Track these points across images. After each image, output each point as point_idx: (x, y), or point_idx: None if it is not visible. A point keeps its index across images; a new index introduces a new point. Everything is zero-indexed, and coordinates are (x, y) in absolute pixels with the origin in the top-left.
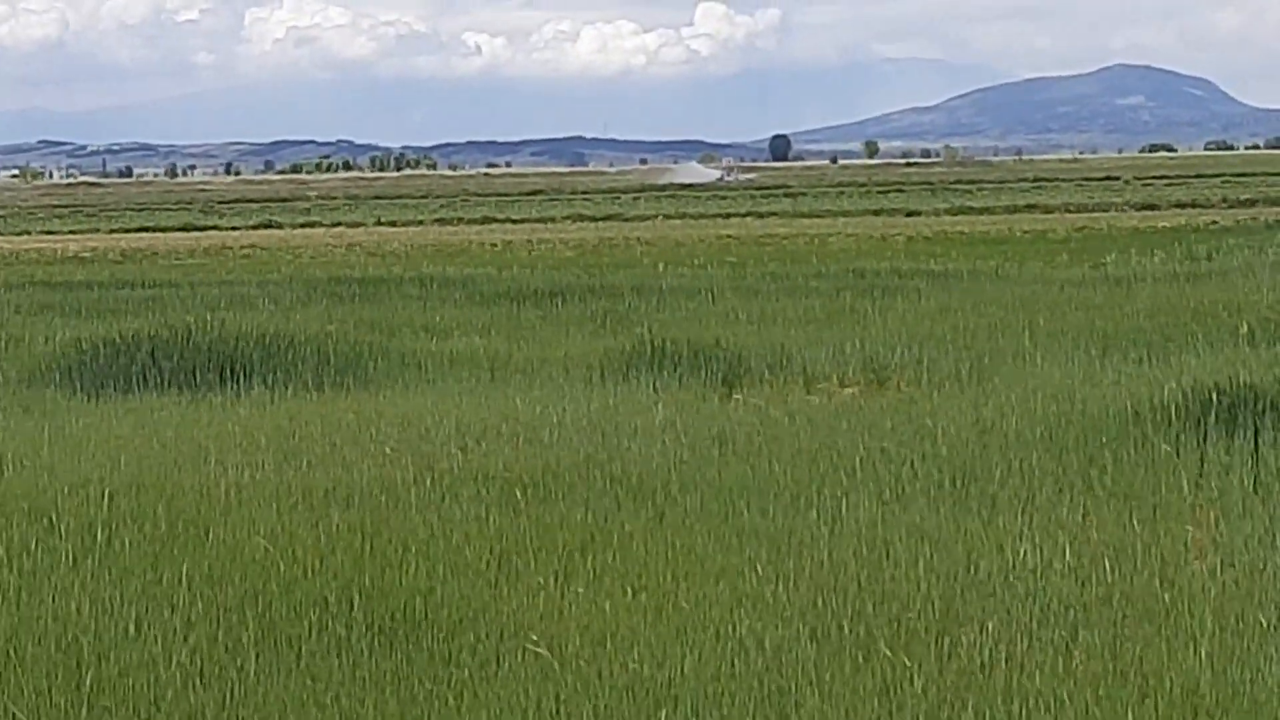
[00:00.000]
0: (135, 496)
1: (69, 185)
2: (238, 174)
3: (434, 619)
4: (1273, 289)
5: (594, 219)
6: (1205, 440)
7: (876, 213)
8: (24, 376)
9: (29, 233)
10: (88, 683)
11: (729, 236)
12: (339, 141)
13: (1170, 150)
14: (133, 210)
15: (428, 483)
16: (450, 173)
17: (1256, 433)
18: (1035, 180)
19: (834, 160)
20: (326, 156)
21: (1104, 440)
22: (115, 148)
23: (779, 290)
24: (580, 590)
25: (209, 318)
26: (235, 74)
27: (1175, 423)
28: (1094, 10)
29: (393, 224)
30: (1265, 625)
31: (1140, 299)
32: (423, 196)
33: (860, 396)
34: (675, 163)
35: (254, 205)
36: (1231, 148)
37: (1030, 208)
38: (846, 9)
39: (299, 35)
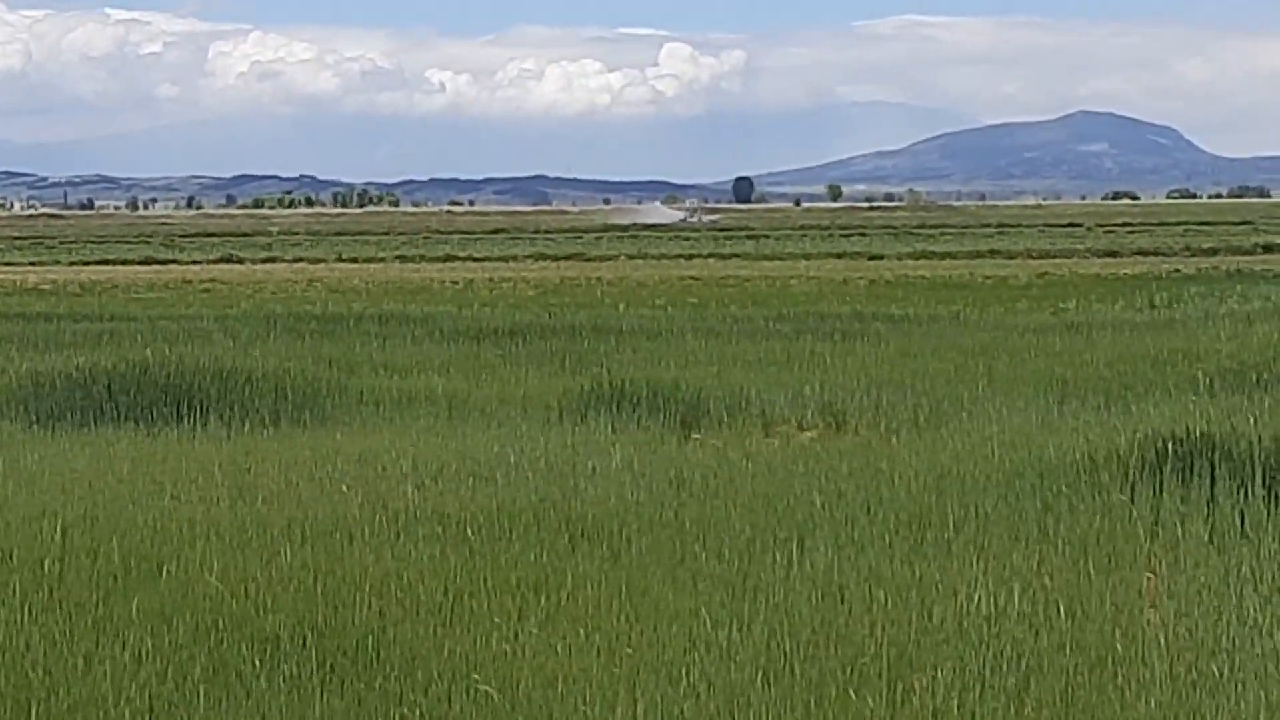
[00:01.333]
0: (89, 530)
1: (29, 217)
2: (199, 208)
3: (385, 658)
4: (1232, 338)
5: (556, 258)
6: (1161, 489)
7: (839, 256)
8: None
9: None
10: (35, 717)
11: (691, 277)
12: (302, 177)
13: (1133, 198)
14: (93, 243)
15: (382, 521)
16: (413, 210)
17: (1213, 482)
18: (998, 226)
19: (797, 203)
20: (289, 192)
21: (1060, 488)
22: (77, 180)
23: (739, 332)
24: (533, 631)
25: (167, 352)
26: (198, 107)
27: (1132, 471)
28: (1060, 58)
29: (354, 260)
30: (1218, 675)
31: (1100, 347)
32: (385, 233)
33: (818, 440)
34: (639, 203)
35: (215, 239)
36: (1195, 196)
37: (993, 253)
38: (812, 52)
39: (262, 70)
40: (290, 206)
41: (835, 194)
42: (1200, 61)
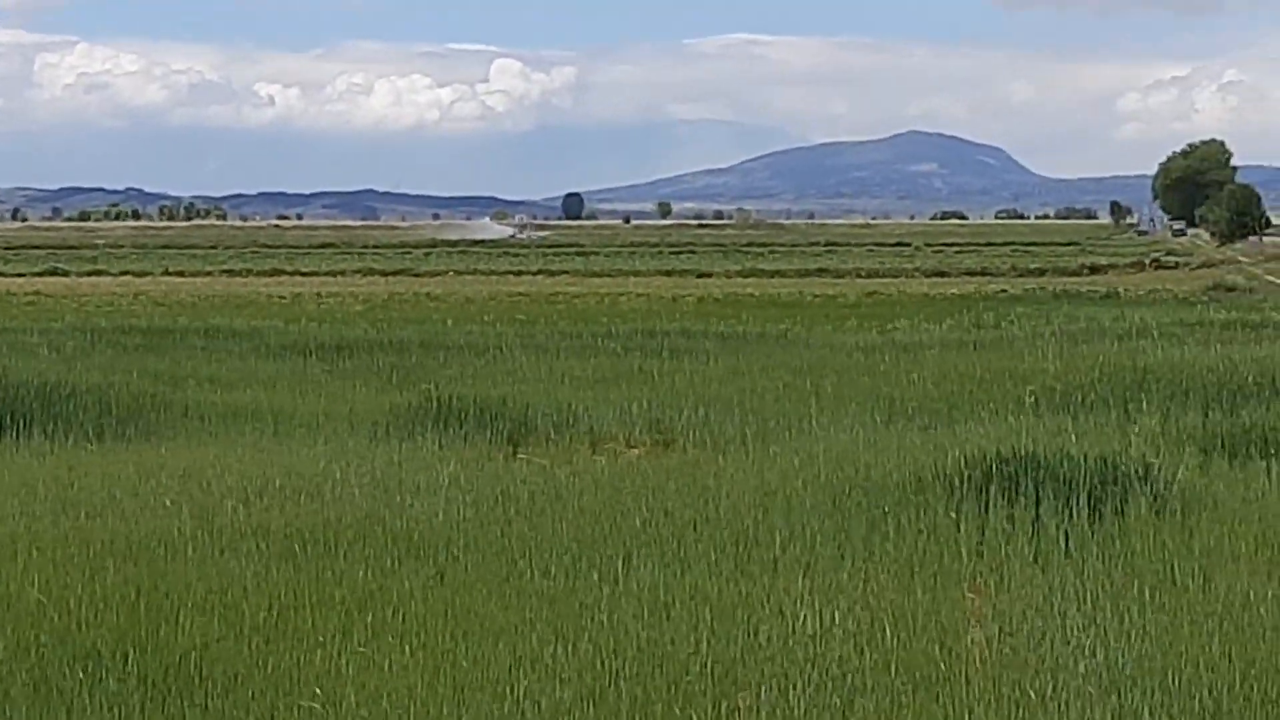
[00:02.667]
0: None
1: None
2: (24, 220)
3: (209, 675)
4: (1058, 358)
5: (385, 273)
6: (987, 508)
7: (668, 273)
8: None
9: None
10: None
11: (520, 294)
12: (129, 189)
13: (962, 218)
14: None
15: (206, 537)
16: (240, 224)
17: (1038, 502)
18: (827, 244)
19: (627, 220)
20: (116, 205)
21: (887, 506)
22: None
23: (568, 349)
24: (358, 648)
25: None
26: (24, 119)
27: (958, 490)
28: (888, 78)
29: (181, 274)
30: (1041, 695)
31: (927, 366)
32: (212, 247)
33: (645, 458)
34: (468, 219)
35: (40, 252)
36: (1022, 216)
37: (821, 271)
38: (642, 70)
39: (90, 81)
40: (117, 219)
41: (665, 211)
42: (1026, 84)
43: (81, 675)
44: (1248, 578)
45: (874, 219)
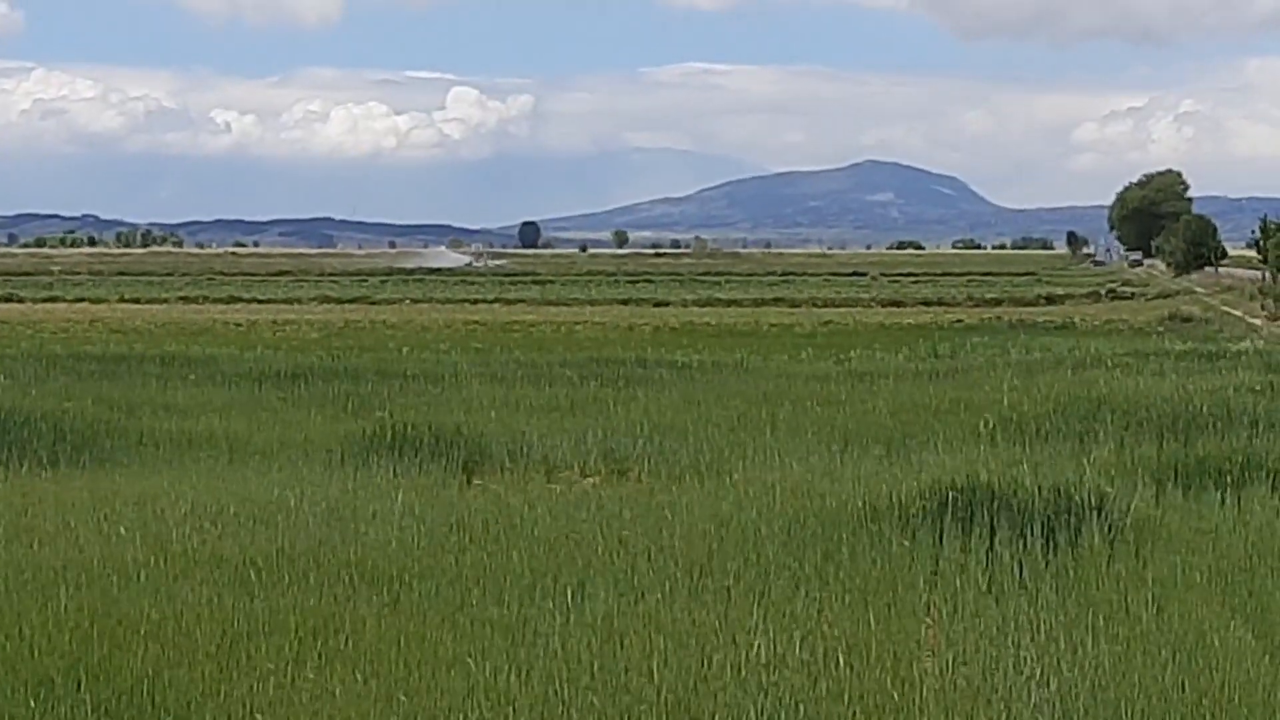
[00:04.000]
0: None
1: None
2: None
3: (161, 702)
4: (1013, 389)
5: (340, 301)
6: (942, 538)
7: (624, 302)
8: None
9: None
10: None
11: (476, 322)
12: (85, 216)
13: (918, 247)
14: None
15: (160, 564)
16: (197, 251)
17: (993, 531)
18: (783, 273)
19: (583, 248)
20: (71, 231)
21: (841, 536)
22: None
23: (523, 377)
24: (311, 676)
25: None
26: None
27: (913, 520)
28: (845, 108)
29: (136, 301)
30: None
31: (883, 395)
32: (168, 274)
33: (600, 486)
34: (424, 247)
35: None
36: (979, 246)
37: (777, 301)
38: (599, 99)
39: (45, 108)
40: (73, 246)
41: (621, 240)
42: (983, 114)
43: (33, 702)
44: (1201, 608)
45: (830, 248)
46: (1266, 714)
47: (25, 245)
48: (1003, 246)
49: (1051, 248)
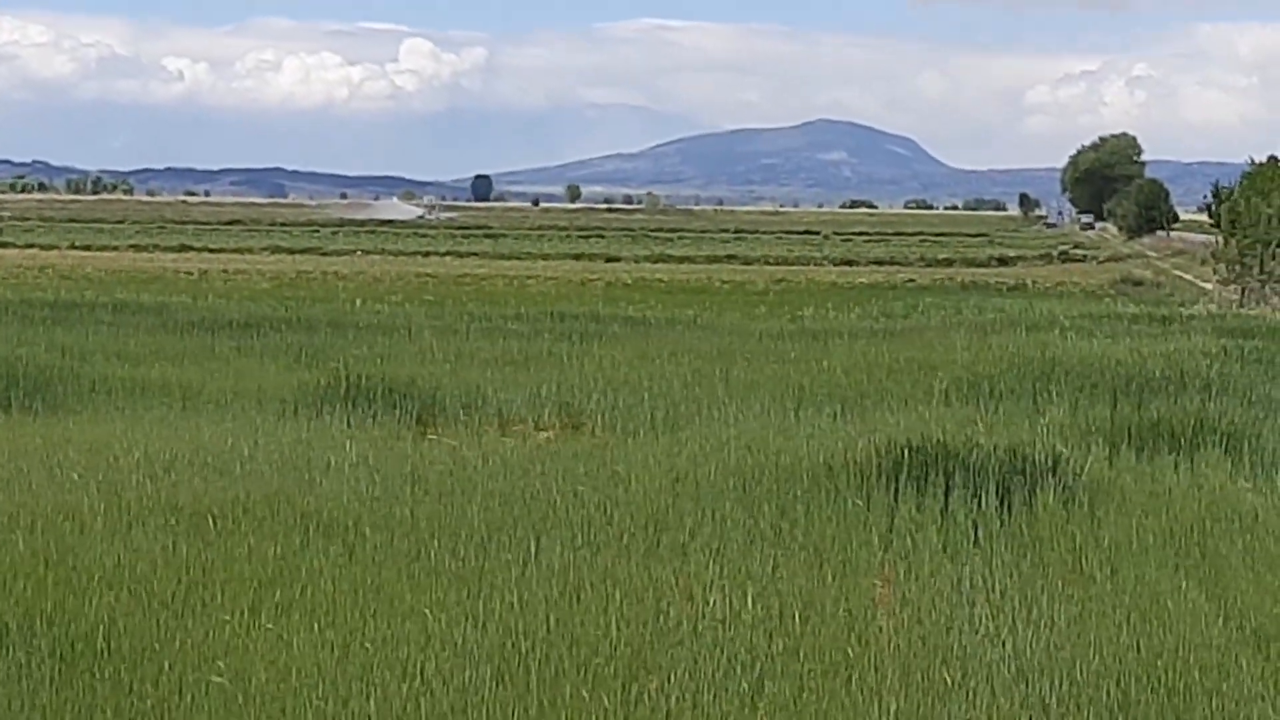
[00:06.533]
0: None
1: None
2: None
3: (117, 648)
4: (967, 349)
5: (292, 251)
6: (897, 497)
7: (577, 257)
8: None
9: None
10: None
11: (428, 275)
12: (35, 162)
13: (871, 207)
14: None
15: (114, 511)
16: (147, 199)
17: (947, 491)
18: (736, 231)
19: (536, 203)
20: (21, 177)
21: (796, 493)
22: None
23: (476, 330)
24: (268, 625)
25: None
26: None
27: (868, 479)
28: (800, 67)
29: (87, 248)
30: (949, 683)
31: (837, 354)
32: (119, 222)
33: (555, 440)
34: (376, 198)
35: None
36: (931, 207)
37: (730, 258)
38: (553, 53)
39: None
40: (22, 192)
41: (574, 195)
42: (937, 75)
43: None
44: (1155, 570)
45: (783, 206)
46: (1220, 675)
47: None
48: (954, 208)
49: (1004, 209)
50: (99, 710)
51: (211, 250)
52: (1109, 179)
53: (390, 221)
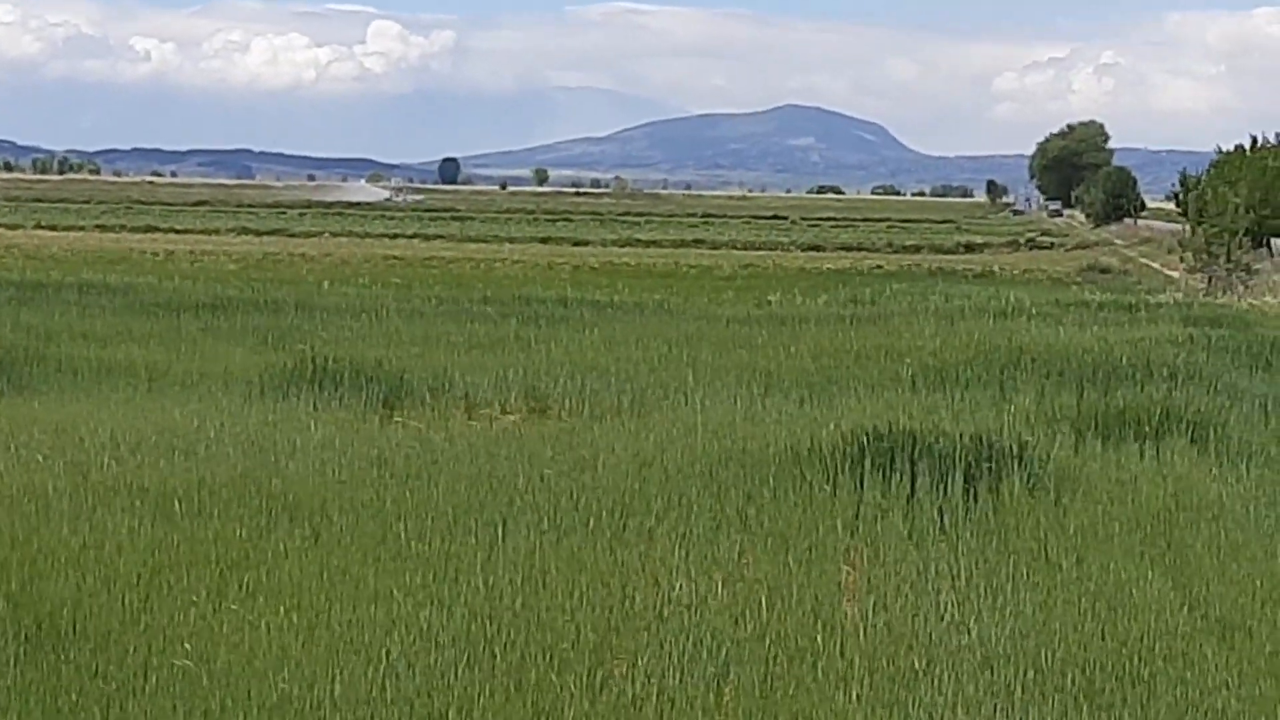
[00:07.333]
0: None
1: None
2: None
3: (82, 631)
4: (934, 335)
5: (259, 233)
6: (863, 483)
7: (544, 240)
8: None
9: None
10: None
11: (395, 257)
12: (1, 142)
13: (839, 192)
14: None
15: (80, 492)
16: (114, 179)
17: (913, 477)
18: (704, 215)
19: (503, 186)
20: None
21: (763, 479)
22: None
23: (443, 314)
24: (234, 607)
25: None
26: None
27: (834, 465)
28: (769, 52)
29: (53, 228)
30: (915, 669)
31: (804, 340)
32: (85, 202)
33: (521, 424)
34: (344, 180)
35: None
36: (899, 193)
37: (698, 243)
38: (522, 36)
39: None
40: None
41: (541, 178)
42: (907, 61)
43: None
44: (1120, 558)
45: (751, 191)
46: (1185, 664)
47: None
48: (922, 194)
49: (971, 196)
50: (64, 692)
51: (178, 231)
52: (1077, 166)
53: (358, 204)
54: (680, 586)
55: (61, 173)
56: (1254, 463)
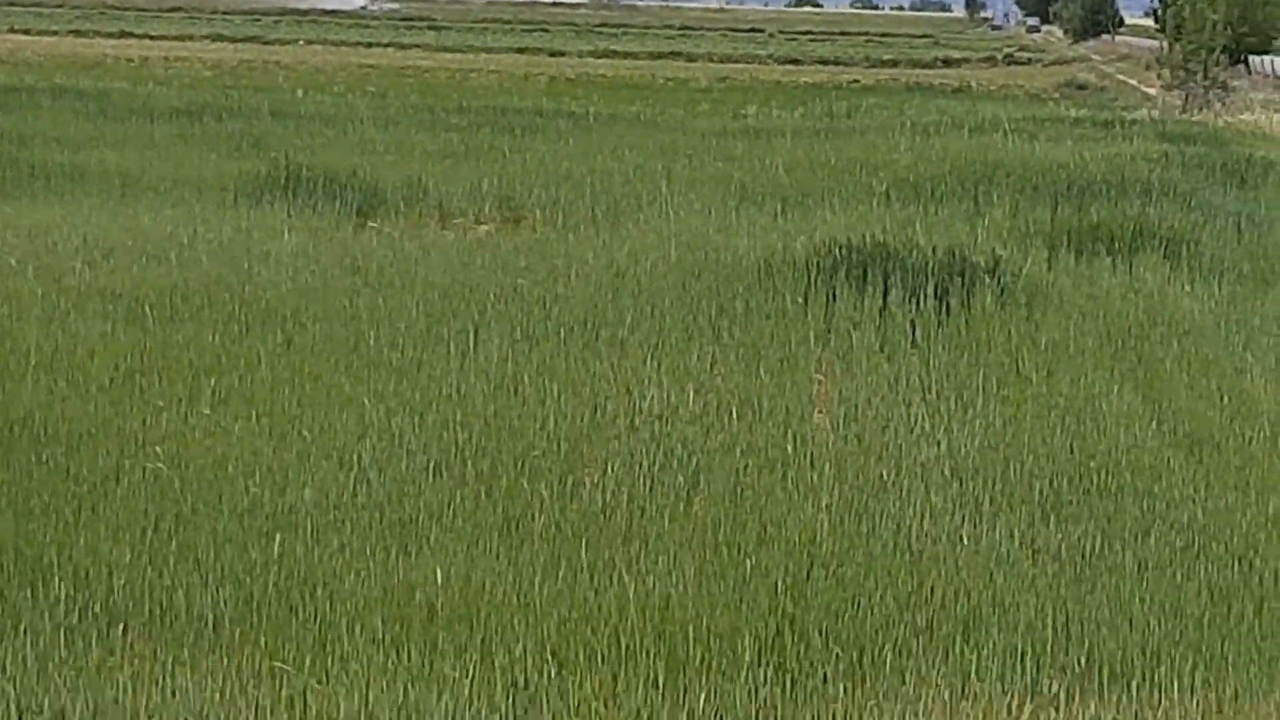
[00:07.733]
0: None
1: None
2: None
3: (54, 433)
4: (909, 149)
5: (233, 40)
6: (835, 296)
7: (520, 51)
8: None
9: None
10: None
11: (370, 66)
12: None
13: (817, 5)
14: None
15: (52, 297)
16: None
17: (886, 291)
18: (681, 28)
19: None
20: None
21: (735, 291)
22: None
23: (418, 123)
24: (205, 412)
25: None
26: None
27: (807, 277)
28: None
29: (26, 32)
30: (883, 480)
31: (779, 153)
32: (58, 6)
33: (495, 234)
34: None
35: None
36: (877, 7)
37: (674, 55)
38: None
39: None
40: None
41: None
42: None
43: None
44: (1091, 372)
45: (728, 4)
46: (1152, 477)
47: None
48: (900, 9)
49: (949, 11)
50: (35, 494)
51: (152, 37)
52: None
53: (333, 12)
54: (652, 396)
55: None
56: (1226, 279)
